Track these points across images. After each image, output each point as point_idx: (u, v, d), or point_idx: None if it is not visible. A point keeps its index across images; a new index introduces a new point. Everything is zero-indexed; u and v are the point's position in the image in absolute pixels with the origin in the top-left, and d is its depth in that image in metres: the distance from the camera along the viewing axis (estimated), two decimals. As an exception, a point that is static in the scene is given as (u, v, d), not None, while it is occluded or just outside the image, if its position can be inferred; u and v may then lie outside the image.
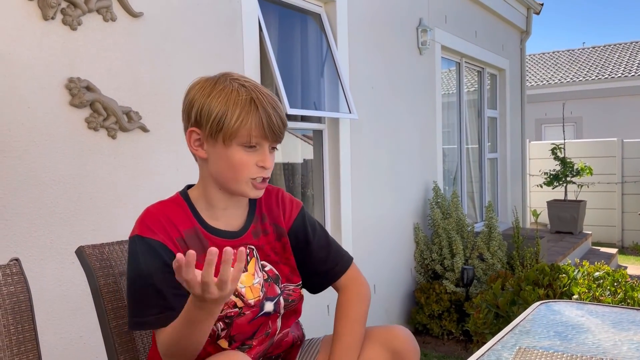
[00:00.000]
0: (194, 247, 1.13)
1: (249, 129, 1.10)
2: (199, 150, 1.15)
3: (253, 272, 1.21)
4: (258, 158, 1.14)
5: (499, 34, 6.50)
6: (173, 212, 1.16)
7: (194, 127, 1.14)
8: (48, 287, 1.88)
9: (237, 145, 1.12)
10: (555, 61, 16.93)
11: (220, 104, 1.10)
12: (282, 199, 1.31)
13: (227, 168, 1.13)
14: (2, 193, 1.76)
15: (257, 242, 1.23)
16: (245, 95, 1.11)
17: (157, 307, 1.07)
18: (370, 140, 3.87)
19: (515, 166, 7.12)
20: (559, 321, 1.30)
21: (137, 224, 1.13)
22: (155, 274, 1.08)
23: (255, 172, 1.14)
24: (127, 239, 1.32)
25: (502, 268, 4.32)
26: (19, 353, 0.96)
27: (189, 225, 1.16)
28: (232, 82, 1.13)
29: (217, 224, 1.19)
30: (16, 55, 1.80)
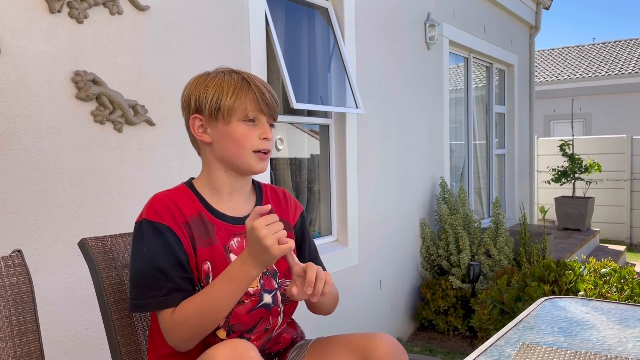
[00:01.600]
0: (199, 232, 1.18)
1: (244, 103, 1.20)
2: (203, 136, 1.22)
3: None
4: (259, 131, 1.22)
5: (508, 29, 6.44)
6: (179, 198, 1.20)
7: (195, 114, 1.22)
8: (54, 279, 1.89)
9: (237, 121, 1.20)
10: (565, 57, 16.79)
11: (215, 87, 1.20)
12: (288, 197, 1.38)
13: (231, 144, 1.20)
14: (9, 186, 1.77)
15: None
16: (237, 77, 1.22)
17: (164, 288, 1.10)
18: (377, 135, 3.86)
19: (523, 162, 7.08)
20: (563, 317, 1.29)
21: (145, 208, 1.17)
22: (162, 257, 1.11)
23: (257, 143, 1.21)
24: (132, 231, 1.32)
25: (509, 264, 4.30)
26: (21, 344, 0.96)
27: (195, 210, 1.19)
28: (224, 71, 1.24)
29: (223, 208, 1.23)
30: (23, 49, 1.80)
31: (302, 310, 1.37)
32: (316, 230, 3.60)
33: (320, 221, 3.62)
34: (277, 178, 3.34)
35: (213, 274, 1.17)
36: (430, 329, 4.25)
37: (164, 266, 1.11)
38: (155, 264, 1.11)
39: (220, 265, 1.17)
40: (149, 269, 1.11)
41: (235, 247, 1.21)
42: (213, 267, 1.17)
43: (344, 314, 3.40)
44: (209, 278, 1.16)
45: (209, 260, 1.17)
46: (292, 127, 3.54)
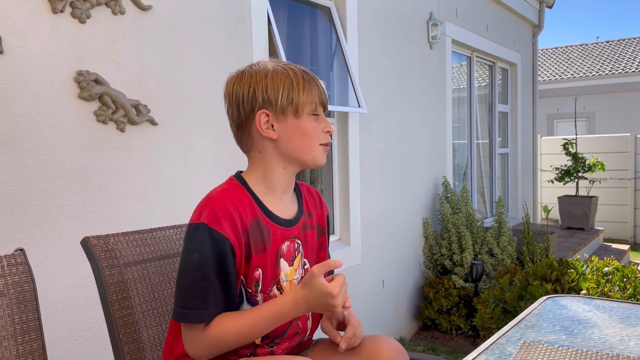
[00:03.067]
0: (255, 238, 1.15)
1: (312, 97, 1.19)
2: (270, 132, 1.18)
3: (297, 268, 1.23)
4: (322, 125, 1.22)
5: (511, 28, 6.43)
6: (239, 200, 1.16)
7: (262, 110, 1.17)
8: (57, 278, 1.90)
9: (306, 115, 1.19)
10: (568, 56, 16.75)
11: (283, 81, 1.17)
12: (321, 200, 1.37)
13: (301, 138, 1.19)
14: (12, 185, 1.77)
15: (304, 236, 1.26)
16: (299, 71, 1.20)
17: (207, 302, 1.09)
18: (380, 134, 3.86)
19: (526, 161, 7.06)
20: (565, 316, 1.29)
21: (207, 210, 1.11)
22: (213, 269, 1.08)
23: (323, 137, 1.22)
24: (134, 229, 1.33)
25: (512, 263, 4.29)
26: (23, 342, 0.97)
27: (252, 214, 1.16)
28: (276, 64, 1.21)
29: (276, 210, 1.21)
30: (26, 49, 1.81)
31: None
32: (319, 229, 3.60)
33: (322, 220, 3.61)
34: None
35: (263, 281, 1.16)
36: (433, 329, 4.25)
37: (212, 279, 1.08)
38: (205, 274, 1.08)
39: (270, 271, 1.17)
40: (197, 279, 1.08)
41: (285, 252, 1.21)
42: (263, 274, 1.16)
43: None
44: (258, 285, 1.16)
45: (260, 267, 1.15)
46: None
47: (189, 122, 2.39)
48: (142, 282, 1.25)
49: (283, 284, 1.19)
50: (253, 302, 1.16)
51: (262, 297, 1.16)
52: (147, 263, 1.27)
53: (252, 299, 1.16)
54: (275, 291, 1.18)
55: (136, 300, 1.23)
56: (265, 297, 1.16)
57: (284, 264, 1.20)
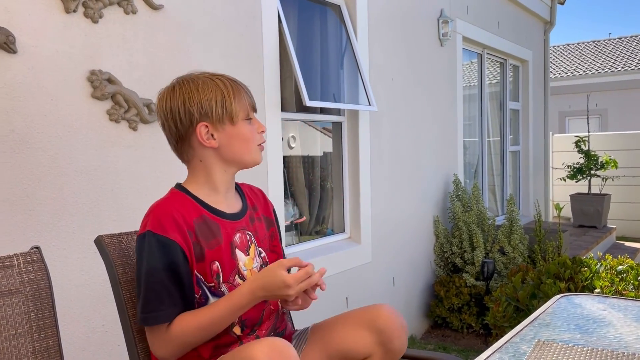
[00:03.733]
0: (204, 235, 1.20)
1: (244, 104, 1.26)
2: (211, 142, 1.24)
3: (253, 257, 1.29)
4: (256, 126, 1.30)
5: (522, 24, 6.38)
6: (180, 203, 1.22)
7: (201, 122, 1.22)
8: (71, 276, 1.92)
9: (241, 121, 1.25)
10: (580, 52, 16.59)
11: (215, 93, 1.22)
12: (264, 195, 1.46)
13: (241, 143, 1.26)
14: (26, 183, 1.79)
15: (254, 227, 1.33)
16: (224, 80, 1.25)
17: (165, 303, 1.13)
18: (390, 132, 3.85)
19: (538, 159, 7.01)
20: (579, 314, 1.28)
21: (149, 219, 1.18)
22: (163, 271, 1.13)
23: (259, 138, 1.30)
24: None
25: (524, 262, 4.26)
26: (39, 339, 0.98)
27: (197, 214, 1.22)
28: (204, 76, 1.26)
29: (222, 207, 1.28)
30: (39, 48, 1.82)
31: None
32: (329, 227, 3.60)
33: (333, 219, 3.62)
34: (289, 176, 3.34)
35: (223, 272, 1.21)
36: (444, 327, 4.23)
37: (166, 281, 1.13)
38: (158, 278, 1.13)
39: (227, 262, 1.22)
40: (150, 283, 1.13)
41: (239, 243, 1.27)
42: (222, 266, 1.21)
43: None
44: (219, 277, 1.21)
45: (217, 260, 1.21)
46: (304, 125, 3.54)
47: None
48: (155, 280, 1.25)
49: (244, 273, 1.26)
50: (219, 294, 1.21)
51: (226, 287, 1.22)
52: (160, 261, 1.27)
53: (216, 292, 1.21)
54: (238, 280, 1.24)
55: (150, 298, 1.23)
56: (230, 287, 1.22)
57: (239, 254, 1.26)
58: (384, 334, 1.27)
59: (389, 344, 1.28)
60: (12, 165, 1.75)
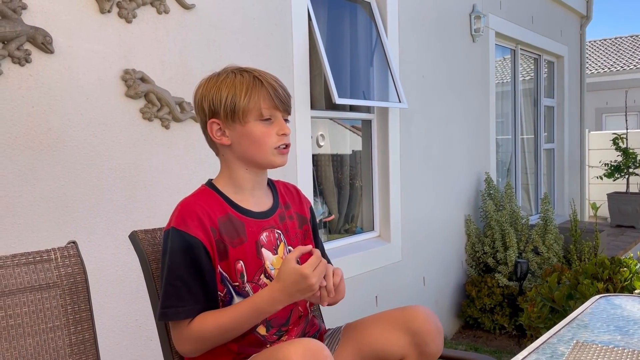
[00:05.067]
0: (229, 233, 1.19)
1: (258, 102, 1.20)
2: (222, 139, 1.23)
3: (282, 256, 1.27)
4: (276, 128, 1.22)
5: (557, 19, 6.23)
6: (206, 201, 1.21)
7: (212, 118, 1.22)
8: (106, 271, 1.96)
9: (254, 121, 1.20)
10: (618, 47, 16.12)
11: (227, 89, 1.20)
12: (300, 194, 1.42)
13: (251, 143, 1.21)
14: (63, 181, 1.83)
15: (284, 226, 1.30)
16: (247, 76, 1.22)
17: (184, 300, 1.13)
18: (421, 130, 3.81)
19: (574, 157, 6.84)
20: (619, 315, 1.24)
21: (174, 216, 1.19)
22: (185, 268, 1.13)
23: (277, 140, 1.23)
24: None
25: (559, 262, 4.17)
26: (76, 332, 1.00)
27: (222, 212, 1.21)
28: (233, 71, 1.24)
29: (248, 205, 1.25)
30: (75, 49, 1.86)
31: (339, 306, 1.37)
32: (358, 226, 3.59)
33: (362, 217, 3.60)
34: (318, 174, 3.34)
35: (247, 271, 1.20)
36: (476, 327, 4.17)
37: (186, 278, 1.13)
38: (178, 274, 1.13)
39: (252, 262, 1.21)
40: (171, 279, 1.13)
41: (265, 242, 1.25)
42: (246, 265, 1.20)
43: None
44: (243, 277, 1.20)
45: (241, 259, 1.20)
46: (333, 123, 3.53)
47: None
48: (187, 275, 1.26)
49: (271, 272, 1.23)
50: (243, 294, 1.20)
51: (251, 287, 1.20)
52: (193, 257, 1.29)
53: (241, 291, 1.20)
54: (264, 279, 1.22)
55: (182, 293, 1.24)
56: (255, 287, 1.20)
57: (266, 252, 1.24)
58: (420, 336, 1.24)
59: (425, 347, 1.24)
60: (49, 163, 1.80)
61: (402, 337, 1.25)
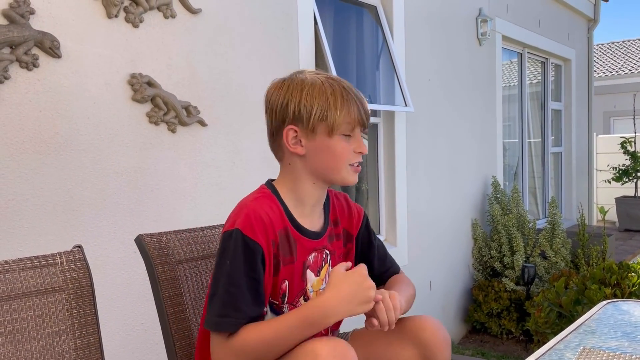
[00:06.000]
0: (284, 249, 1.14)
1: (350, 118, 1.14)
2: (297, 148, 1.16)
3: (323, 278, 1.23)
4: (355, 145, 1.18)
5: (565, 22, 6.21)
6: (271, 209, 1.15)
7: (292, 125, 1.15)
8: (112, 274, 1.96)
9: (339, 135, 1.15)
10: (626, 50, 16.04)
11: (318, 98, 1.13)
12: (350, 205, 1.35)
13: (329, 158, 1.16)
14: (70, 184, 1.84)
15: (332, 246, 1.25)
16: (337, 87, 1.15)
17: (240, 310, 1.06)
18: (427, 133, 3.80)
19: (581, 161, 6.80)
20: (627, 321, 1.22)
21: (241, 218, 1.10)
22: (246, 277, 1.07)
23: (353, 157, 1.18)
24: (186, 227, 1.35)
25: (566, 267, 4.14)
26: (81, 336, 1.00)
27: (282, 225, 1.15)
28: (317, 76, 1.17)
29: (305, 222, 1.20)
30: (83, 53, 1.87)
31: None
32: (365, 229, 3.58)
33: (369, 221, 3.59)
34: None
35: (289, 293, 1.16)
36: (483, 332, 4.15)
37: (245, 287, 1.07)
38: (238, 282, 1.07)
39: (297, 283, 1.17)
40: (231, 286, 1.07)
41: (312, 263, 1.20)
42: (290, 286, 1.16)
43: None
44: (285, 297, 1.16)
45: (287, 279, 1.15)
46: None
47: (238, 123, 2.42)
48: (193, 279, 1.27)
49: (310, 295, 1.19)
50: (279, 312, 1.16)
51: (288, 308, 1.17)
52: (198, 261, 1.30)
53: (278, 310, 1.16)
54: (302, 302, 1.18)
55: (187, 297, 1.25)
56: (291, 308, 1.16)
57: (310, 274, 1.19)
58: (428, 348, 1.19)
59: (432, 358, 1.20)
60: (56, 166, 1.81)
61: (410, 349, 1.21)
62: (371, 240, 1.36)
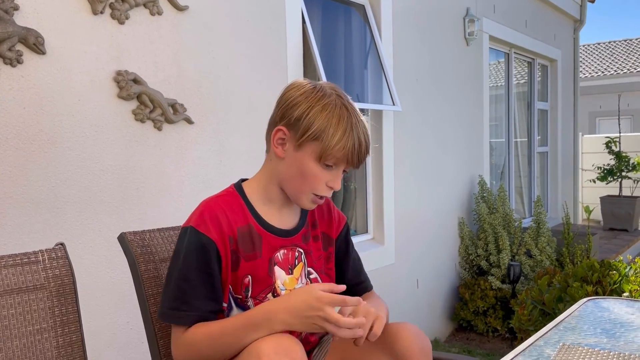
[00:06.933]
0: (245, 245, 1.15)
1: (340, 151, 1.11)
2: (279, 149, 1.15)
3: (298, 277, 1.21)
4: (329, 178, 1.15)
5: (551, 23, 6.27)
6: (230, 207, 1.16)
7: (284, 127, 1.14)
8: (97, 274, 1.95)
9: (322, 163, 1.13)
10: (612, 51, 16.21)
11: (324, 119, 1.11)
12: (332, 208, 1.34)
13: (298, 176, 1.14)
14: (54, 182, 1.83)
15: (306, 246, 1.24)
16: (346, 116, 1.12)
17: (189, 304, 1.09)
18: (414, 133, 3.82)
19: (567, 160, 6.87)
20: (607, 318, 1.24)
21: (195, 215, 1.13)
22: (198, 272, 1.09)
23: (321, 189, 1.16)
24: (170, 226, 1.35)
25: (551, 265, 4.18)
26: (63, 334, 0.99)
27: (244, 221, 1.16)
28: (337, 99, 1.14)
29: (272, 220, 1.20)
30: (68, 49, 1.86)
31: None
32: (352, 228, 3.59)
33: (356, 219, 3.61)
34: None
35: (253, 288, 1.16)
36: (469, 330, 4.18)
37: (195, 282, 1.09)
38: (188, 277, 1.09)
39: (262, 279, 1.16)
40: (181, 281, 1.09)
41: (281, 260, 1.19)
42: (253, 281, 1.16)
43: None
44: (248, 291, 1.15)
45: (250, 274, 1.15)
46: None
47: (225, 121, 2.41)
48: (177, 277, 1.26)
49: (281, 292, 1.18)
50: (244, 307, 1.16)
51: (252, 302, 1.16)
52: (182, 259, 1.29)
53: (242, 304, 1.16)
54: (270, 297, 1.17)
55: (171, 295, 1.24)
56: (257, 303, 1.15)
57: (279, 271, 1.18)
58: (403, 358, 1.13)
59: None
60: (40, 164, 1.79)
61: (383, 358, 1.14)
62: (348, 249, 1.35)
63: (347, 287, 1.29)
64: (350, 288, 1.32)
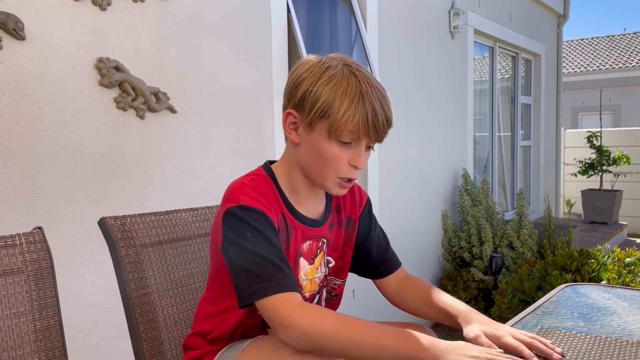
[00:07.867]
0: (282, 234, 1.06)
1: (350, 124, 1.00)
2: (292, 134, 1.06)
3: (317, 266, 1.16)
4: (352, 156, 1.05)
5: (535, 17, 6.32)
6: (267, 191, 1.06)
7: (292, 110, 1.05)
8: (78, 262, 1.93)
9: (337, 140, 1.02)
10: (595, 47, 16.40)
11: (329, 92, 1.00)
12: (356, 188, 1.26)
13: (317, 159, 1.05)
14: (34, 170, 1.81)
15: (331, 235, 1.17)
16: (354, 84, 1.01)
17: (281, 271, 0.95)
18: (399, 124, 3.82)
19: (549, 154, 6.96)
20: (584, 303, 1.26)
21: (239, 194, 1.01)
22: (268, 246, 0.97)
23: (345, 170, 1.05)
24: (152, 211, 1.34)
25: (533, 257, 4.24)
26: (40, 318, 0.99)
27: (279, 210, 1.07)
28: (344, 68, 1.03)
29: (302, 209, 1.12)
30: (48, 35, 1.83)
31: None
32: (337, 219, 3.60)
33: (341, 211, 3.61)
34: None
35: None
36: (452, 321, 4.22)
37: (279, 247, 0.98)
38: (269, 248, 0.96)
39: None
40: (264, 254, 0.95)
41: (306, 251, 1.12)
42: None
43: (363, 305, 3.40)
44: None
45: None
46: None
47: (209, 110, 2.40)
48: (158, 263, 1.26)
49: (302, 283, 1.12)
50: None
51: None
52: (163, 245, 1.29)
53: None
54: None
55: (152, 280, 1.24)
56: None
57: (303, 262, 1.12)
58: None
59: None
60: (20, 151, 1.77)
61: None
62: (371, 227, 1.27)
63: (374, 267, 1.27)
64: (377, 267, 1.27)
